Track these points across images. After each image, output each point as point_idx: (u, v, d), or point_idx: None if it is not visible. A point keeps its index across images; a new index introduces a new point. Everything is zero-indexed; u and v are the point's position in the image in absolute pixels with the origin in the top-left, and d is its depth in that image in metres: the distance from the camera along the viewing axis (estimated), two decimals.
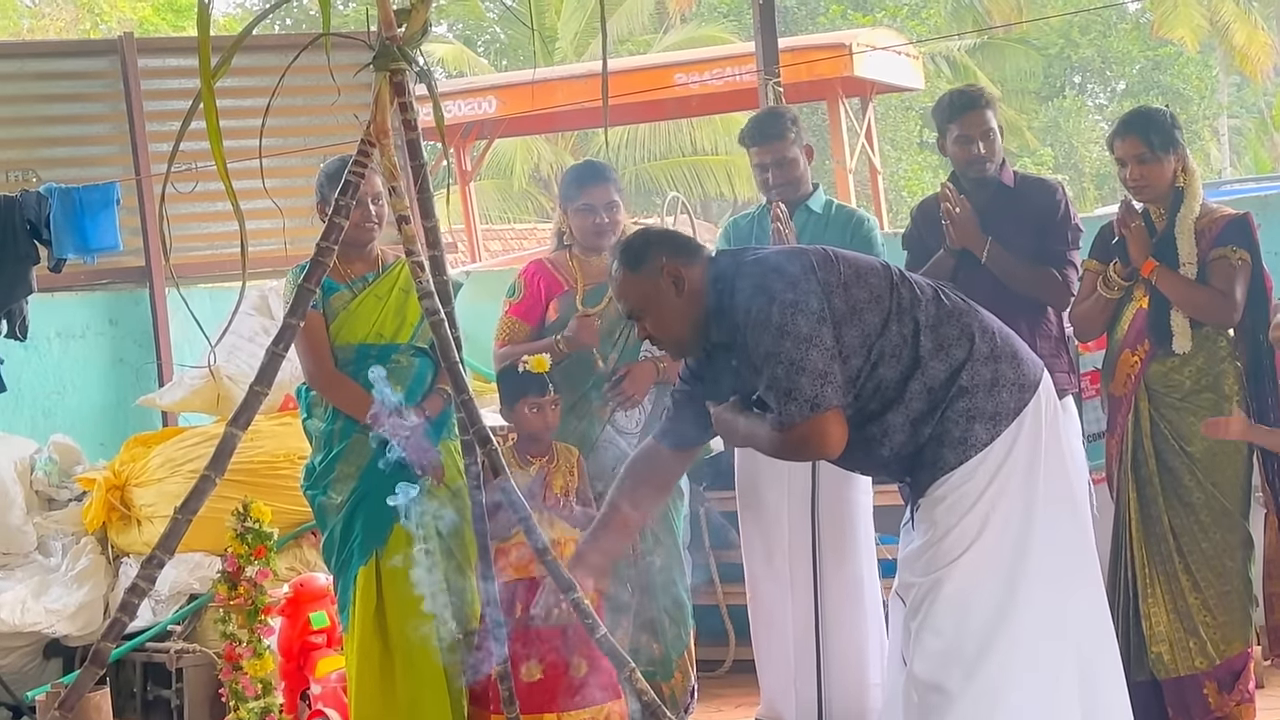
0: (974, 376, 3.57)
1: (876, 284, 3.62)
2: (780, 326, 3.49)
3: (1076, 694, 3.60)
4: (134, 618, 3.49)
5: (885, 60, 12.98)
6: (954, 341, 3.59)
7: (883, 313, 3.58)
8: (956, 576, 3.56)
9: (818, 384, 3.48)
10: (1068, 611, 3.61)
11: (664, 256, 3.67)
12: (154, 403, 7.24)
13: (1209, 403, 4.97)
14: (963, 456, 3.55)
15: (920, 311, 3.60)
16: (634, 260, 3.72)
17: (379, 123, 3.73)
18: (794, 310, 3.50)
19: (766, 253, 3.74)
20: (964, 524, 3.57)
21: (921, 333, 3.58)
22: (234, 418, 3.45)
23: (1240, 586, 5.00)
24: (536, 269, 5.46)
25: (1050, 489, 3.62)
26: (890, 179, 22.65)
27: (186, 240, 7.63)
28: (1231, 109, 30.06)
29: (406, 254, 3.78)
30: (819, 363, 3.48)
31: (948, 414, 3.56)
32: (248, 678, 5.33)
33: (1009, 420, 3.57)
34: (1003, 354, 3.63)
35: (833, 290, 3.56)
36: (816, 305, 3.51)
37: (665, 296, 3.67)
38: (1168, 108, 5.19)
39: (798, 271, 3.56)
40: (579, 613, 3.70)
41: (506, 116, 13.33)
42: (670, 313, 3.69)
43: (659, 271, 3.66)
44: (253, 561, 5.33)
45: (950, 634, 3.55)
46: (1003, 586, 3.55)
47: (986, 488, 3.55)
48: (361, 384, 4.83)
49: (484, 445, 3.77)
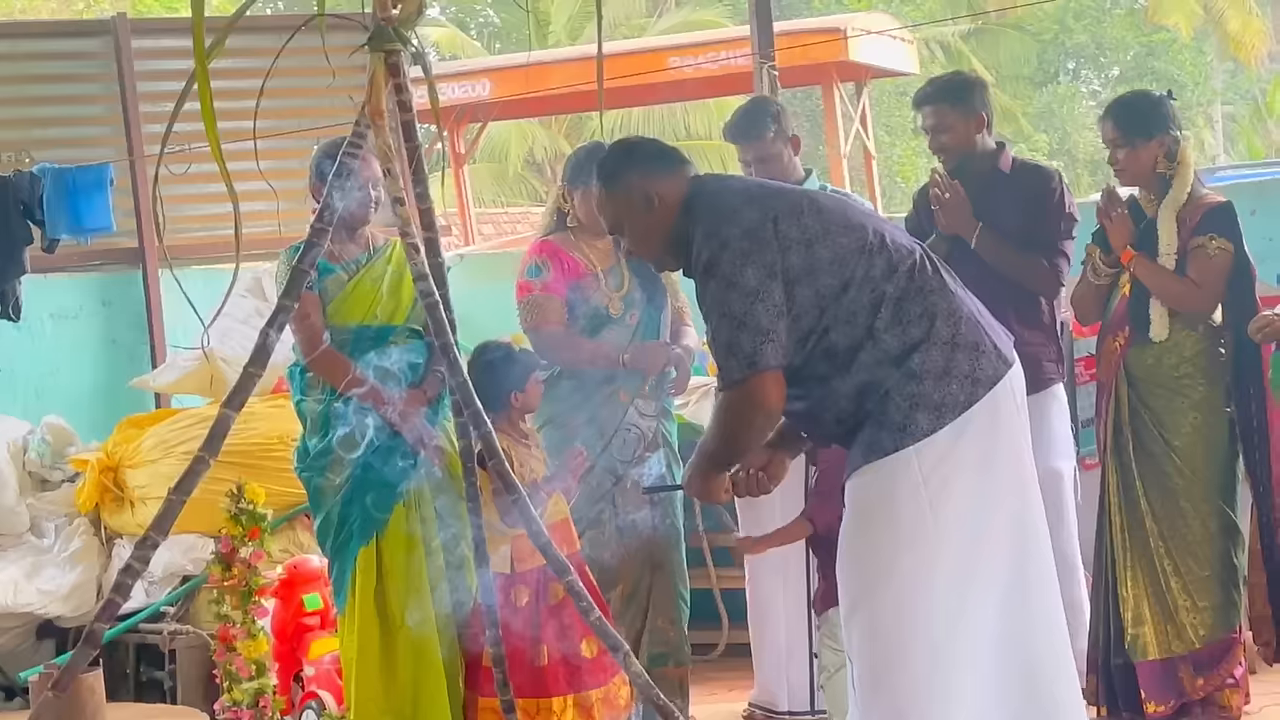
0: (926, 360, 3.45)
1: (844, 245, 3.51)
2: (728, 277, 3.45)
3: (1022, 699, 3.51)
4: (128, 599, 3.49)
5: (880, 45, 12.97)
6: (914, 320, 3.48)
7: (843, 276, 3.48)
8: (893, 585, 3.45)
9: (758, 341, 3.42)
10: (1014, 622, 3.49)
11: (636, 175, 3.66)
12: (147, 384, 7.23)
13: (1190, 390, 4.98)
14: (899, 443, 3.44)
15: (889, 283, 3.49)
16: (608, 177, 3.73)
17: (374, 104, 3.72)
18: (744, 260, 3.44)
19: (740, 189, 3.67)
20: (898, 523, 3.44)
21: (884, 304, 3.47)
22: (228, 399, 3.44)
23: (1223, 572, 5.01)
24: (551, 250, 5.39)
25: (1010, 494, 3.50)
26: (884, 164, 22.64)
27: (180, 222, 7.61)
28: (1226, 95, 30.04)
29: (401, 236, 3.78)
30: (763, 319, 3.42)
31: (891, 395, 3.45)
32: (241, 659, 5.34)
33: (954, 414, 3.44)
34: (963, 343, 3.49)
35: (792, 246, 3.47)
36: (770, 258, 3.45)
37: (638, 214, 3.66)
38: (1168, 92, 5.19)
39: (757, 219, 3.49)
40: (572, 595, 3.71)
41: (500, 99, 13.30)
42: (644, 230, 3.68)
43: (630, 189, 3.66)
44: (247, 543, 5.34)
45: (890, 644, 3.46)
46: (949, 598, 3.43)
47: (923, 484, 3.43)
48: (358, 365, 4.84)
49: (480, 429, 3.77)
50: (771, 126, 5.43)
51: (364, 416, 4.89)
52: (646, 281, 5.33)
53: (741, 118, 5.53)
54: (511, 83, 13.13)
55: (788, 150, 5.49)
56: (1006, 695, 3.49)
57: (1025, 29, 27.43)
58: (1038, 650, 3.54)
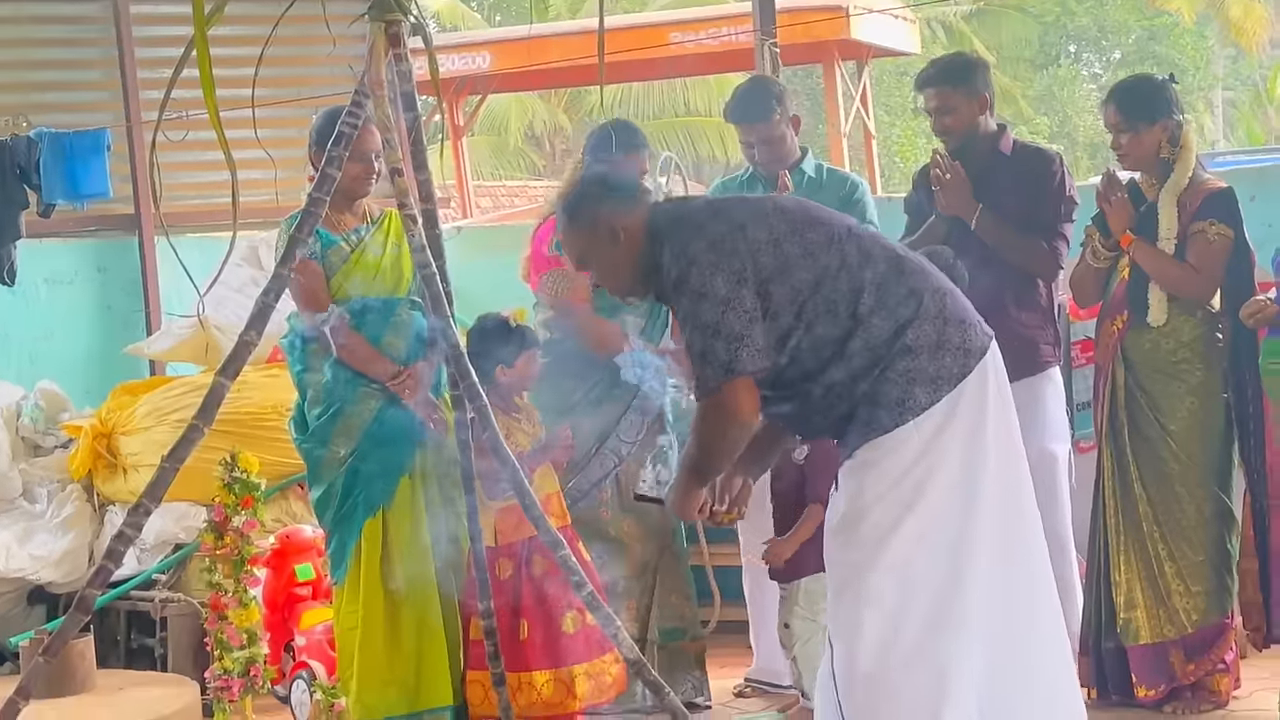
0: (919, 336, 3.47)
1: (815, 239, 3.53)
2: (698, 290, 3.45)
3: (1019, 670, 3.53)
4: (120, 565, 3.49)
5: (882, 24, 12.93)
6: (901, 300, 3.50)
7: (816, 270, 3.49)
8: (892, 551, 3.47)
9: (733, 347, 3.43)
10: (1011, 589, 3.52)
11: (601, 209, 3.65)
12: (141, 351, 7.22)
13: (1187, 374, 4.98)
14: (898, 419, 3.46)
15: (866, 269, 3.51)
16: (573, 212, 3.72)
17: (373, 74, 3.72)
18: (713, 271, 3.45)
19: (702, 206, 3.70)
20: (896, 493, 3.47)
21: (865, 290, 3.49)
22: (223, 367, 3.44)
23: (1217, 557, 5.02)
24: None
25: (997, 461, 3.52)
26: (884, 144, 22.61)
27: (177, 189, 7.59)
28: (1226, 81, 30.00)
29: (399, 207, 3.77)
30: (735, 326, 3.43)
31: (887, 373, 3.47)
32: (233, 627, 5.33)
33: (951, 385, 3.47)
34: (951, 317, 3.53)
35: (761, 248, 3.49)
36: (738, 265, 3.45)
37: (604, 248, 3.65)
38: (1170, 76, 5.18)
39: (723, 230, 3.51)
40: (566, 569, 3.71)
41: (500, 72, 13.27)
42: (611, 262, 3.67)
43: (596, 223, 3.65)
44: (240, 512, 5.33)
45: (889, 612, 3.46)
46: (944, 562, 3.46)
47: (922, 456, 3.46)
48: (366, 338, 4.87)
49: (475, 401, 3.76)
50: (776, 108, 5.43)
51: (371, 389, 4.90)
52: None
53: (744, 99, 5.51)
54: (511, 55, 13.09)
55: (790, 131, 5.49)
56: (998, 659, 3.50)
57: (1027, 10, 27.38)
58: (1030, 610, 3.58)
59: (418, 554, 4.90)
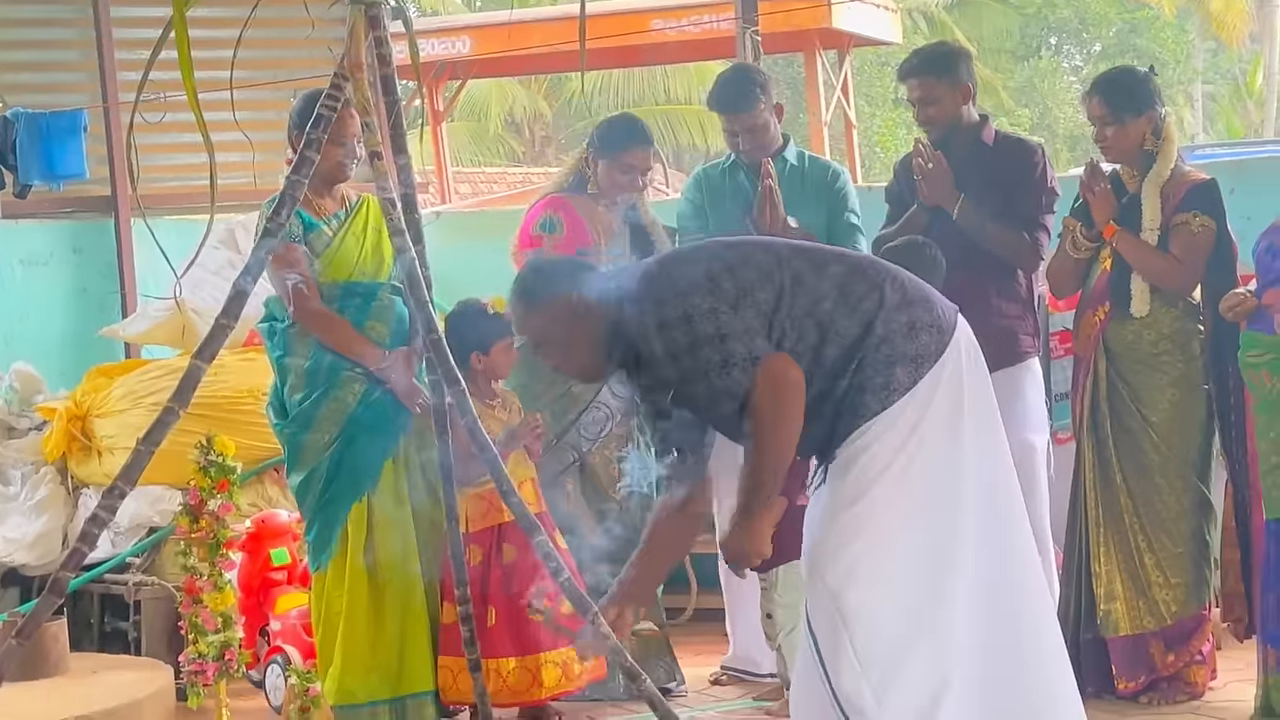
0: (889, 323, 3.50)
1: (764, 261, 3.55)
2: (689, 330, 3.45)
3: (1010, 652, 3.55)
4: (94, 548, 3.48)
5: (864, 13, 12.92)
6: (862, 296, 3.52)
7: (775, 288, 3.51)
8: (880, 531, 3.49)
9: (745, 341, 3.44)
10: (999, 563, 3.55)
11: (560, 287, 3.59)
12: (117, 334, 7.18)
13: (1169, 366, 4.99)
14: (885, 402, 3.49)
15: (822, 279, 3.54)
16: (533, 296, 3.63)
17: (353, 57, 3.70)
18: (694, 312, 3.45)
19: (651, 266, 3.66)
20: (888, 475, 3.49)
21: (824, 298, 3.51)
22: (199, 350, 3.42)
23: (1196, 549, 5.04)
24: (566, 209, 5.40)
25: (978, 436, 3.56)
26: (864, 134, 22.61)
27: (153, 171, 7.55)
28: (1206, 75, 30.07)
29: (378, 191, 3.76)
30: (737, 325, 3.45)
31: (866, 362, 3.49)
32: (208, 611, 5.30)
33: (930, 362, 3.50)
34: (915, 299, 3.56)
35: (719, 278, 3.50)
36: (712, 301, 3.46)
37: (568, 328, 3.59)
38: (1151, 68, 5.19)
39: (687, 283, 3.50)
40: (544, 557, 3.70)
41: (480, 57, 13.22)
42: (572, 342, 3.61)
43: (560, 304, 3.58)
44: (215, 495, 5.30)
45: (884, 590, 3.48)
46: (937, 539, 3.48)
47: (910, 435, 3.48)
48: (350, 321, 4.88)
49: (452, 385, 3.75)
50: (760, 97, 5.43)
51: (355, 374, 4.88)
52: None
53: (727, 87, 5.50)
54: (492, 40, 13.04)
55: (773, 119, 5.49)
56: (985, 630, 3.52)
57: (1008, 2, 27.40)
58: (1014, 580, 3.61)
59: (402, 539, 4.90)
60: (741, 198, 5.47)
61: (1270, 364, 4.66)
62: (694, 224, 5.55)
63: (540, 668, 4.91)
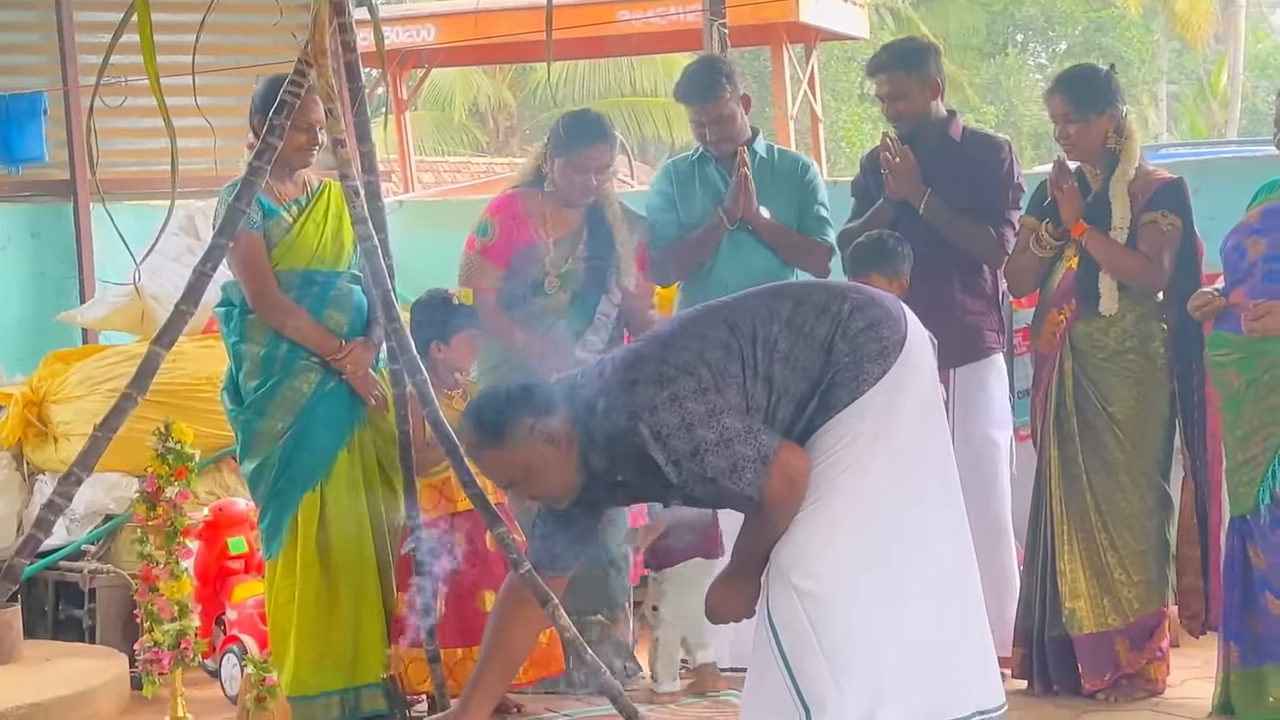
0: (847, 331, 3.55)
1: (718, 334, 3.55)
2: (682, 422, 3.42)
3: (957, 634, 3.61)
4: (50, 535, 3.44)
5: (831, 7, 12.92)
6: (814, 321, 3.56)
7: (738, 355, 3.52)
8: (845, 523, 3.52)
9: (751, 440, 3.43)
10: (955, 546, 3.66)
11: (529, 419, 3.49)
12: (75, 319, 7.13)
13: (1134, 364, 5.00)
14: (855, 393, 3.52)
15: (772, 322, 3.56)
16: (499, 435, 3.49)
17: (317, 43, 3.68)
18: (679, 402, 3.42)
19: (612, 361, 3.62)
20: (853, 467, 3.53)
21: (780, 340, 3.53)
22: (158, 336, 3.40)
23: (1157, 547, 5.06)
24: (508, 209, 5.35)
25: (934, 423, 3.66)
26: (829, 129, 22.64)
27: (113, 155, 7.48)
28: (1171, 75, 30.23)
29: (341, 178, 3.73)
30: (737, 423, 3.43)
31: (837, 375, 3.53)
32: (164, 599, 5.26)
33: (896, 352, 3.56)
34: (863, 303, 3.61)
35: (693, 366, 3.48)
36: (692, 385, 3.44)
37: (544, 457, 3.50)
38: (1111, 66, 5.20)
39: (655, 368, 3.48)
40: (504, 548, 3.68)
41: (445, 45, 13.16)
42: (551, 470, 3.52)
43: (530, 435, 3.48)
44: (173, 483, 5.26)
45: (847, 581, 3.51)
46: (895, 530, 3.53)
47: (879, 425, 3.53)
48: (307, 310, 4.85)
49: (414, 375, 3.73)
50: (726, 87, 5.41)
51: (310, 362, 4.86)
52: (596, 263, 5.29)
53: (694, 78, 5.48)
54: (457, 29, 12.98)
55: (740, 110, 5.47)
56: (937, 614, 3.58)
57: None
58: (964, 562, 3.70)
59: (355, 529, 4.88)
60: (711, 190, 5.46)
61: (1237, 363, 4.67)
62: (664, 216, 5.54)
63: None
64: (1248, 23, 28.56)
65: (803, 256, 5.42)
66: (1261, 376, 4.61)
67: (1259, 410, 4.63)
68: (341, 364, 4.86)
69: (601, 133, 5.32)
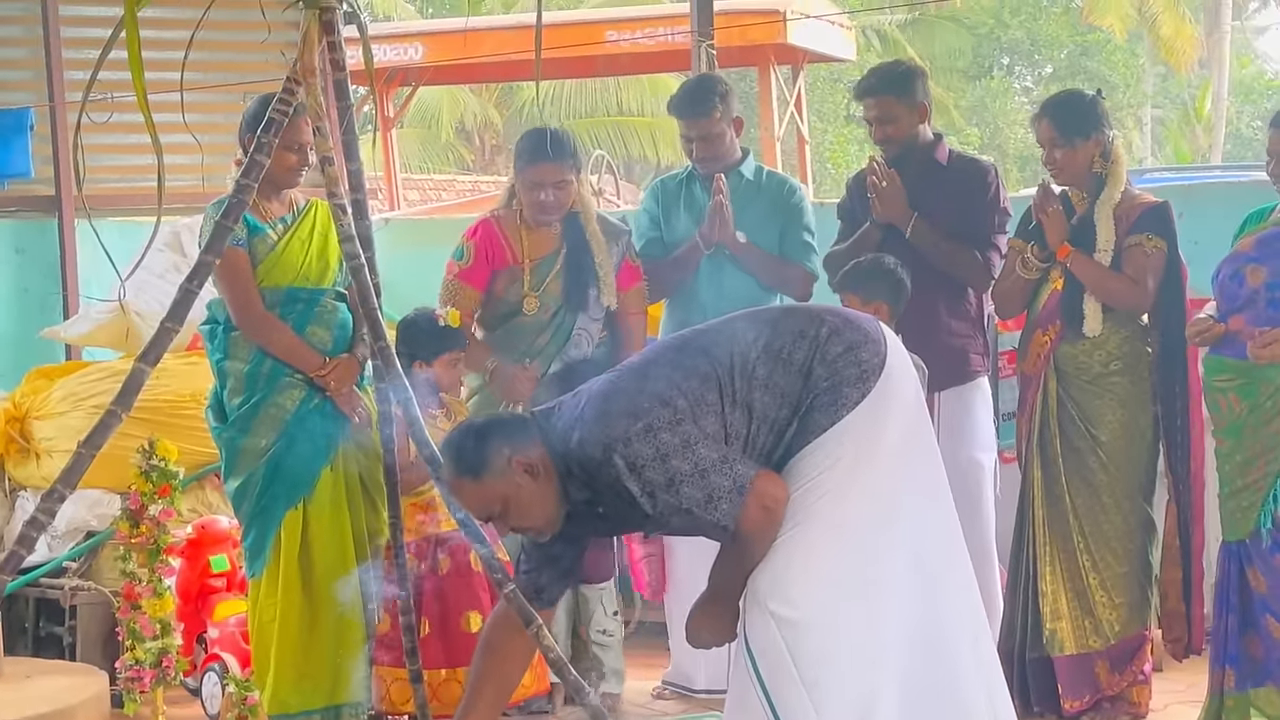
0: (825, 355, 3.53)
1: (695, 363, 3.53)
2: (657, 453, 3.40)
3: (947, 665, 3.56)
4: (32, 551, 3.42)
5: (818, 30, 12.96)
6: (791, 346, 3.54)
7: (717, 385, 3.50)
8: (823, 549, 3.49)
9: (726, 470, 3.41)
10: (939, 578, 3.59)
11: (507, 450, 3.48)
12: (58, 335, 7.11)
13: (1118, 386, 5.01)
14: (834, 418, 3.50)
15: (750, 349, 3.54)
16: (477, 468, 3.48)
17: (305, 61, 3.67)
18: (653, 433, 3.41)
19: (588, 394, 3.59)
20: (832, 493, 3.49)
21: (758, 367, 3.52)
22: (143, 354, 3.38)
23: (1139, 569, 5.07)
24: (484, 233, 5.33)
25: (917, 446, 3.61)
26: (816, 150, 22.70)
27: (99, 172, 7.45)
28: (1156, 99, 30.40)
29: (329, 196, 3.73)
30: (713, 453, 3.42)
31: (816, 400, 3.52)
32: (146, 617, 5.25)
33: (875, 376, 3.53)
34: (841, 326, 3.59)
35: (668, 395, 3.46)
36: (668, 416, 3.43)
37: (523, 489, 3.49)
38: (1098, 91, 5.22)
39: (629, 400, 3.47)
40: (489, 568, 3.67)
41: (433, 64, 13.18)
42: (531, 501, 3.50)
43: (508, 467, 3.48)
44: (157, 500, 5.25)
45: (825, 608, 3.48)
46: (873, 557, 3.50)
47: (858, 450, 3.50)
48: (291, 328, 4.84)
49: (399, 395, 3.72)
50: (718, 106, 5.42)
51: (294, 379, 4.85)
52: (575, 284, 5.28)
53: (688, 94, 5.50)
54: (445, 48, 13.00)
55: (730, 131, 5.47)
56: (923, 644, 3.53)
57: (961, 21, 27.60)
58: (951, 594, 3.63)
59: (338, 547, 4.86)
60: (695, 209, 5.46)
61: (1239, 388, 4.65)
62: (650, 235, 5.55)
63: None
64: (1232, 48, 28.72)
65: (782, 282, 5.42)
66: (1264, 403, 4.60)
67: (1261, 436, 4.60)
68: (325, 380, 4.85)
69: (550, 148, 5.20)
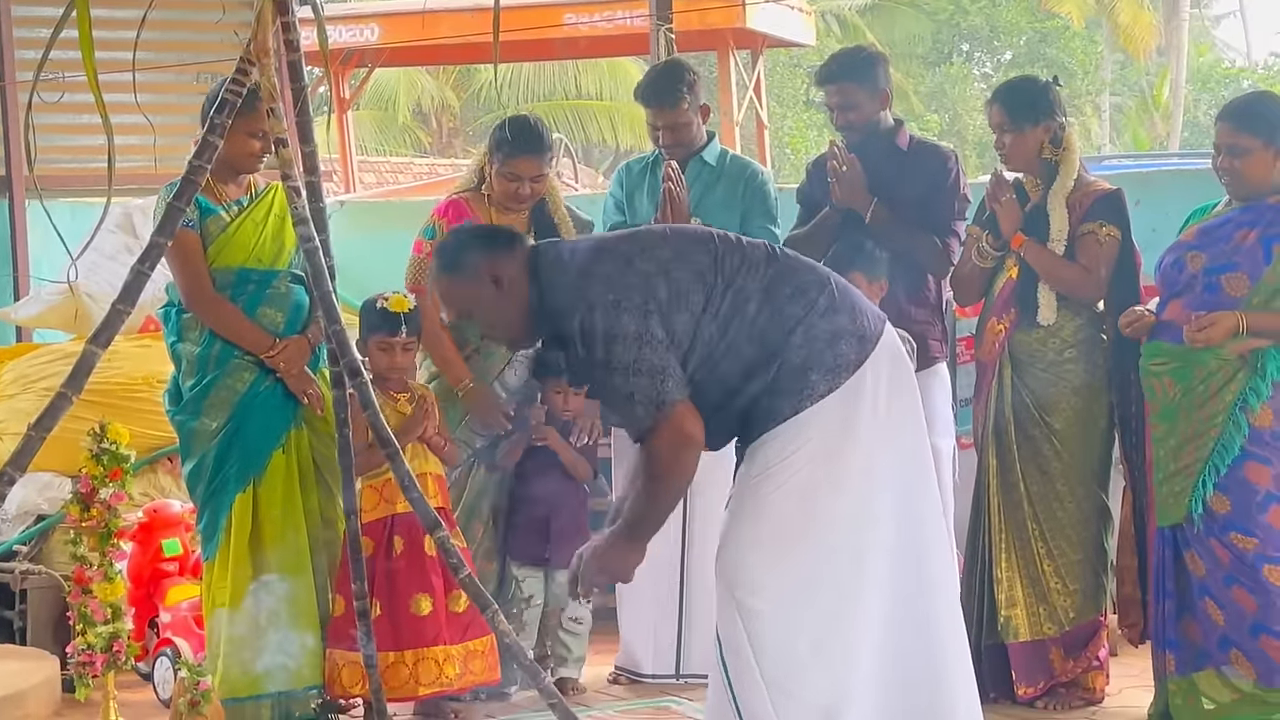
0: (812, 328, 3.48)
1: (699, 260, 3.53)
2: (607, 331, 3.42)
3: (917, 659, 3.55)
4: None
5: (777, 14, 12.93)
6: (787, 299, 3.50)
7: (706, 288, 3.49)
8: (784, 542, 3.46)
9: (657, 381, 3.41)
10: (913, 573, 3.55)
11: (481, 256, 3.60)
12: (8, 317, 7.05)
13: (1072, 374, 5.03)
14: (797, 407, 3.47)
15: (751, 277, 3.52)
16: (452, 264, 3.65)
17: (259, 41, 3.63)
18: (616, 311, 3.42)
19: (587, 245, 3.67)
20: (794, 484, 3.47)
21: (752, 299, 3.50)
22: (94, 335, 3.34)
23: (1094, 555, 5.09)
24: (455, 212, 5.31)
25: (896, 445, 3.55)
26: (775, 135, 22.71)
27: (50, 152, 7.38)
28: (1114, 86, 30.53)
29: (283, 178, 3.69)
30: (653, 359, 3.41)
31: (784, 366, 3.47)
32: (97, 602, 5.19)
33: (849, 372, 3.48)
34: (841, 307, 3.54)
35: (654, 278, 3.48)
36: (639, 299, 3.44)
37: (487, 296, 3.59)
38: (1054, 79, 5.23)
39: (615, 268, 3.50)
40: (443, 551, 3.65)
41: (389, 45, 13.10)
42: (495, 310, 3.61)
43: (478, 272, 3.58)
44: (108, 484, 5.19)
45: (787, 602, 3.46)
46: (838, 554, 3.47)
47: (820, 444, 3.47)
48: (241, 309, 4.81)
49: (354, 377, 3.70)
50: (686, 96, 5.43)
51: (244, 359, 4.82)
52: None
53: (656, 82, 5.50)
54: (401, 29, 12.90)
55: (697, 119, 5.48)
56: (893, 638, 3.52)
57: (921, 7, 27.65)
58: (925, 589, 3.60)
59: (289, 529, 4.84)
60: (658, 194, 5.45)
61: (1173, 372, 4.69)
62: (614, 218, 5.57)
63: (418, 663, 4.88)
64: (1190, 36, 28.87)
65: None
66: (1198, 386, 4.65)
67: (1194, 420, 4.66)
68: (275, 362, 4.83)
69: (535, 144, 5.25)
